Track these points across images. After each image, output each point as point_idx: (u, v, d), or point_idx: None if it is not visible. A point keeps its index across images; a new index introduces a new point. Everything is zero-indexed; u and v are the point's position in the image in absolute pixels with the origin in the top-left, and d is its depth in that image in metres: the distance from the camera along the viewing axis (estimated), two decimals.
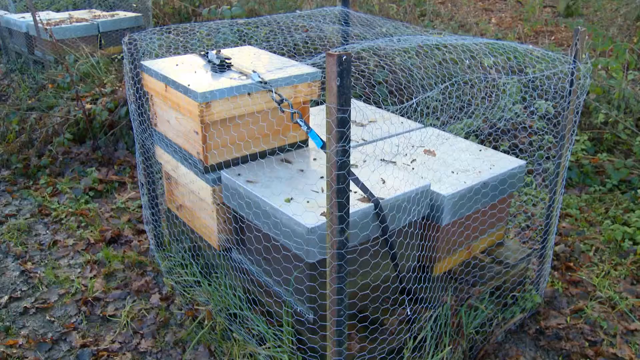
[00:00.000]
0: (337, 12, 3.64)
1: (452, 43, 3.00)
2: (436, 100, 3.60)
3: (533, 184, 3.88)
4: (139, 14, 7.03)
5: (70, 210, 3.99)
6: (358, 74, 4.36)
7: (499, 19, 9.05)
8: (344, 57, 1.62)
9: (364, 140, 2.95)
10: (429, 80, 3.67)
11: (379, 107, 3.60)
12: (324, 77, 2.69)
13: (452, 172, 2.61)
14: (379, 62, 4.62)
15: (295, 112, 2.32)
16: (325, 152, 1.80)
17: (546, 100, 4.19)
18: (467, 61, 3.82)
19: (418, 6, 7.57)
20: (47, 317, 2.99)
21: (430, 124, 3.62)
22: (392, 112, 3.45)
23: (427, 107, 3.44)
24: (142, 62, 2.82)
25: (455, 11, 8.35)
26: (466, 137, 4.02)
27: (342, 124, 1.69)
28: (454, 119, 3.90)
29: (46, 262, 3.50)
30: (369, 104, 3.93)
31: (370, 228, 2.21)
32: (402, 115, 3.38)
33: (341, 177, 1.75)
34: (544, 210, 2.79)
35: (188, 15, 7.13)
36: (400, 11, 7.22)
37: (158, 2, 7.27)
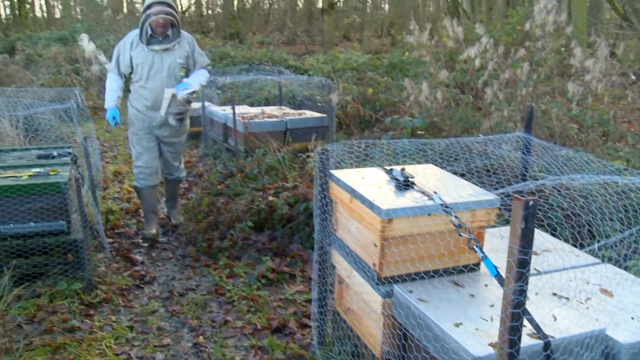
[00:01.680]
0: (518, 137, 3.71)
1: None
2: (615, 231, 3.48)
3: None
4: (324, 115, 7.57)
5: (242, 293, 4.30)
6: None
7: None
8: (531, 203, 1.71)
9: (536, 270, 2.93)
10: (608, 207, 3.57)
11: (553, 234, 3.55)
12: (501, 206, 2.76)
13: (632, 318, 2.50)
14: (555, 186, 4.56)
15: (472, 239, 2.40)
16: (502, 288, 1.86)
17: None
18: None
19: (601, 125, 7.36)
20: None
21: (608, 257, 3.49)
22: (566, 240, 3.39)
23: (606, 243, 3.35)
24: (331, 172, 3.08)
25: None
26: None
27: (522, 265, 1.75)
28: (634, 253, 3.73)
29: (216, 339, 3.78)
30: (542, 228, 3.89)
31: None
32: (575, 245, 3.31)
33: (516, 315, 1.79)
34: None
35: (370, 119, 7.54)
36: (582, 131, 7.07)
37: (343, 105, 7.80)
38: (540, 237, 3.39)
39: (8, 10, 26.19)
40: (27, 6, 26.35)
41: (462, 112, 6.26)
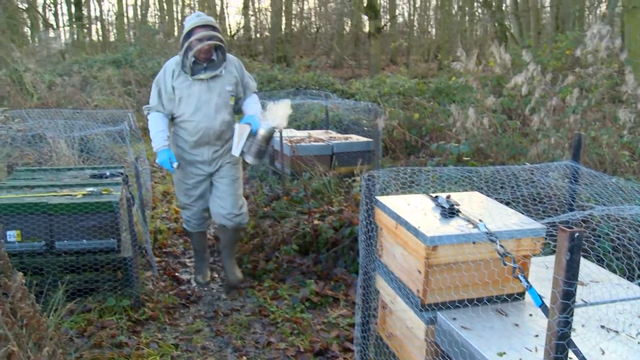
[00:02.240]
0: (566, 166, 3.68)
1: None
2: None
3: None
4: (370, 140, 7.60)
5: (286, 316, 4.34)
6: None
7: None
8: (577, 234, 1.71)
9: (583, 301, 2.89)
10: None
11: (601, 265, 3.49)
12: (547, 236, 2.74)
13: None
14: (603, 216, 4.48)
15: (517, 268, 2.40)
16: (547, 319, 1.85)
17: None
18: None
19: None
20: None
21: None
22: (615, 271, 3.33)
23: None
24: (377, 198, 3.11)
25: None
26: None
27: (567, 297, 1.75)
28: None
29: None
30: (590, 259, 3.83)
31: None
32: (624, 275, 3.25)
33: (560, 347, 1.79)
34: None
35: (416, 145, 7.56)
36: (635, 158, 6.91)
37: (389, 129, 7.84)
38: (587, 268, 3.34)
39: (67, 35, 27.25)
40: (85, 30, 27.35)
41: (508, 139, 6.22)
